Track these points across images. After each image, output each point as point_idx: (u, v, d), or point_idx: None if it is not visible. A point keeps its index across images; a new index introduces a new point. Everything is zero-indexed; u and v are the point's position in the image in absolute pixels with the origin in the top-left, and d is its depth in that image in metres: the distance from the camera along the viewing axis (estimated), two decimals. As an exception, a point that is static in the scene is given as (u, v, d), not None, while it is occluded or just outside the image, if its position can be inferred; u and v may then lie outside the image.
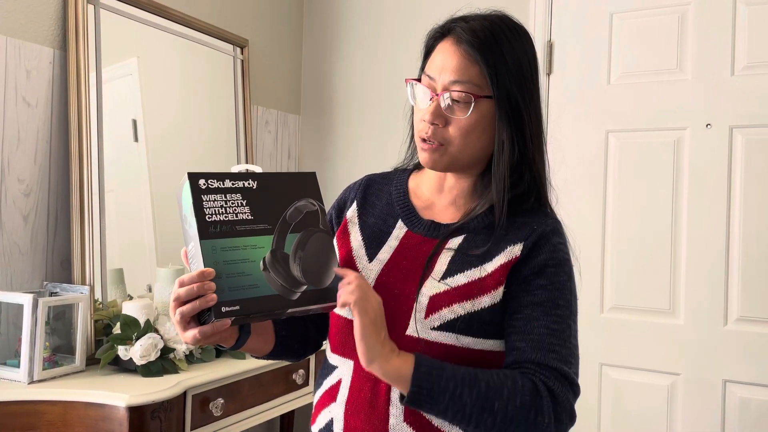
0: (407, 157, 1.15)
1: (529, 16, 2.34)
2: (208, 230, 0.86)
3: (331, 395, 1.01)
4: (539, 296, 0.96)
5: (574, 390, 0.94)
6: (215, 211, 0.87)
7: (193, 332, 0.87)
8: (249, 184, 0.91)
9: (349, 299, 0.89)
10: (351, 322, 0.96)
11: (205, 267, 0.85)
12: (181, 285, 0.85)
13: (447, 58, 0.98)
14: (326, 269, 0.94)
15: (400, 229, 1.05)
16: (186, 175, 0.87)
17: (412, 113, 1.07)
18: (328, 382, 1.03)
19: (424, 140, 1.00)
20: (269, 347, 1.07)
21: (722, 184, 2.08)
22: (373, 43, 2.71)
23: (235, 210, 0.89)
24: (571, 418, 0.93)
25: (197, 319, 0.88)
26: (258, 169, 1.00)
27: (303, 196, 0.95)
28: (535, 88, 1.01)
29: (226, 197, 0.88)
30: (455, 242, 1.00)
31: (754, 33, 2.05)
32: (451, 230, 1.01)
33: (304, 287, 0.91)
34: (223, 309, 0.85)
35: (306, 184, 0.96)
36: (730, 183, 2.07)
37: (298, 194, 0.95)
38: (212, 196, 0.87)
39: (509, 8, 1.05)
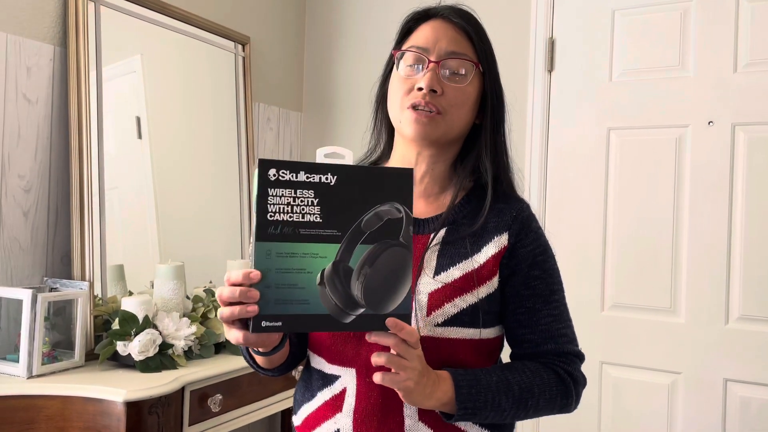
0: (370, 148, 1.17)
1: (531, 12, 2.33)
2: (267, 230, 0.76)
3: (334, 405, 0.98)
4: (538, 288, 1.01)
5: (582, 360, 1.04)
6: (280, 208, 0.77)
7: (236, 335, 0.81)
8: (327, 179, 0.78)
9: (401, 385, 0.85)
10: (343, 333, 0.95)
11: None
12: (227, 283, 0.79)
13: (441, 31, 1.02)
14: (393, 293, 0.80)
15: None
16: (258, 160, 0.78)
17: (378, 96, 1.13)
18: (328, 392, 1.00)
19: (415, 109, 0.99)
20: (281, 362, 1.03)
21: (724, 182, 2.07)
22: (376, 40, 2.71)
23: (303, 210, 0.77)
24: (585, 383, 1.03)
25: (243, 320, 0.81)
26: (347, 155, 0.89)
27: (390, 199, 0.80)
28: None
29: (295, 193, 0.77)
30: (438, 236, 1.01)
31: (757, 30, 2.04)
32: (438, 225, 1.01)
33: (361, 310, 0.79)
34: (263, 324, 0.77)
35: (398, 183, 0.81)
36: (732, 181, 2.06)
37: (385, 196, 0.80)
38: (280, 191, 0.77)
39: (512, 5, 1.07)
